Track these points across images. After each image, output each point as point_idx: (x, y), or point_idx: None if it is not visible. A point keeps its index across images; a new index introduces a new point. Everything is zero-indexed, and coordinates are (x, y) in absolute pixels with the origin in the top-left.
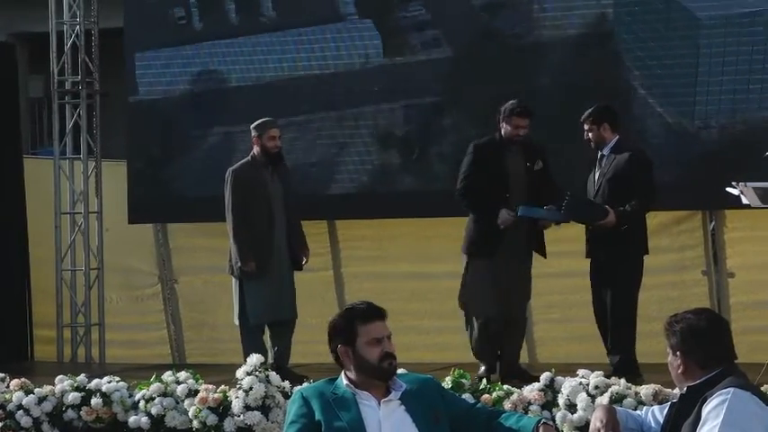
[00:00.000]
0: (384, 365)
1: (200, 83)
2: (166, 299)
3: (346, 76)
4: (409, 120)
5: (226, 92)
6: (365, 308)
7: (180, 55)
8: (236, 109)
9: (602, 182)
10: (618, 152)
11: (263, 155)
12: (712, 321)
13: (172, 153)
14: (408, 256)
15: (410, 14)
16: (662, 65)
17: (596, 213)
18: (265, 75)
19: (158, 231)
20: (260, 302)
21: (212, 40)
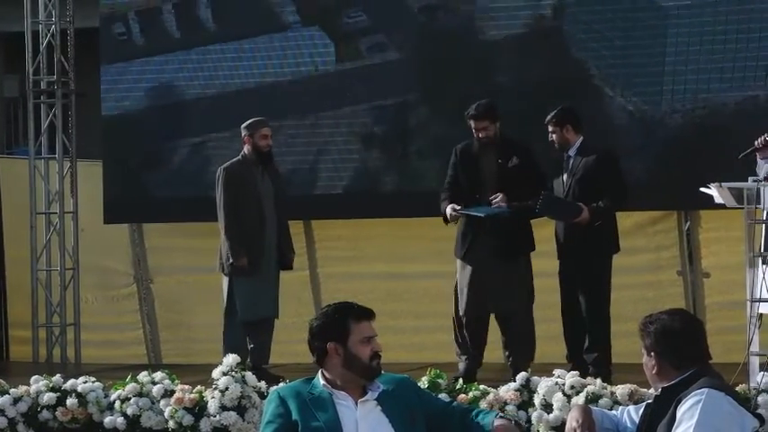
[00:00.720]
0: (374, 364)
1: (160, 96)
2: (142, 299)
3: (302, 83)
4: (379, 121)
5: (188, 103)
6: (359, 307)
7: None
8: (203, 118)
9: (572, 183)
10: (584, 153)
11: (254, 154)
12: (687, 322)
13: (147, 153)
14: (384, 257)
15: (352, 20)
16: (626, 58)
17: (571, 210)
18: (227, 83)
19: (134, 231)
20: (249, 299)
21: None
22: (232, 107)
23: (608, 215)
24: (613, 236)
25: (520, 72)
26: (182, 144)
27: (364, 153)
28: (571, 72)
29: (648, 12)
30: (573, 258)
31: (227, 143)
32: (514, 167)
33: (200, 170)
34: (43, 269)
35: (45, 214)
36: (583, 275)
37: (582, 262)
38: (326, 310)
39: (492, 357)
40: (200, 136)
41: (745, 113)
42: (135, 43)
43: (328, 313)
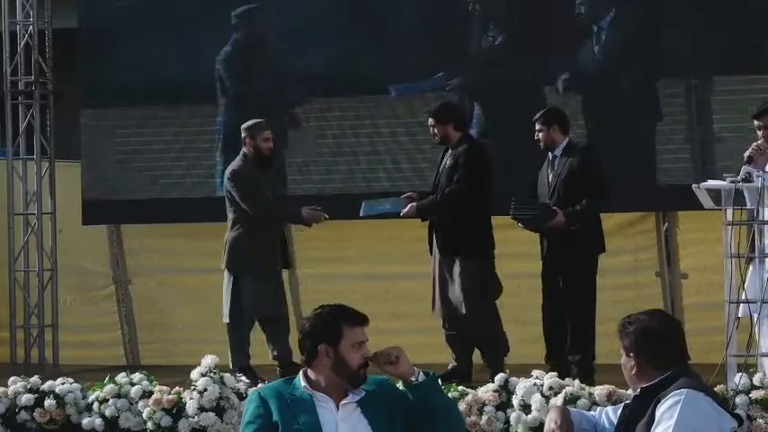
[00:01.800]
0: (361, 372)
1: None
2: (120, 300)
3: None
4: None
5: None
6: (353, 311)
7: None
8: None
9: (557, 182)
10: (569, 154)
11: (256, 155)
12: (665, 322)
13: (125, 153)
14: (364, 258)
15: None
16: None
17: (544, 214)
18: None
19: (112, 232)
20: (256, 297)
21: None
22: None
23: (588, 216)
24: (598, 236)
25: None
26: (161, 144)
27: (336, 156)
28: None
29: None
30: (557, 258)
31: (208, 143)
32: (447, 169)
33: (180, 171)
34: (21, 270)
35: (23, 215)
36: (567, 275)
37: (566, 262)
38: (321, 311)
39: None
40: (179, 136)
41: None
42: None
43: (322, 314)
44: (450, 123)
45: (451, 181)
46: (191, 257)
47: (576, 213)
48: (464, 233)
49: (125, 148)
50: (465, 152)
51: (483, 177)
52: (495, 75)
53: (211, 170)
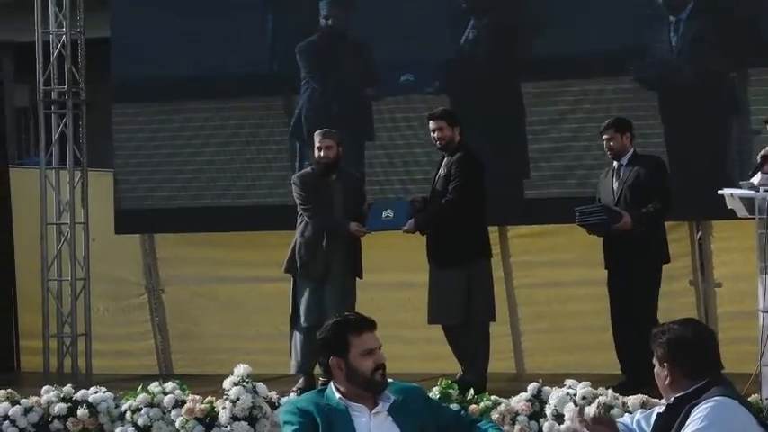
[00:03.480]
0: (376, 377)
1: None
2: (153, 309)
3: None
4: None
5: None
6: (357, 319)
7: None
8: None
9: (623, 189)
10: (636, 162)
11: (316, 163)
12: (699, 332)
13: (158, 162)
14: (395, 266)
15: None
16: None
17: (611, 218)
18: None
19: (145, 241)
20: (311, 304)
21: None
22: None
23: (653, 221)
24: (663, 245)
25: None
26: (194, 153)
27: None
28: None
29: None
30: (621, 267)
31: (241, 152)
32: (441, 179)
33: (212, 179)
34: (54, 279)
35: (56, 224)
36: (634, 285)
37: (630, 271)
38: (327, 323)
39: (499, 367)
40: (212, 146)
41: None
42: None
43: (328, 328)
44: (457, 127)
45: (446, 191)
46: (223, 267)
47: (642, 216)
48: (459, 243)
49: (158, 157)
50: (458, 160)
51: (476, 186)
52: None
53: (250, 179)
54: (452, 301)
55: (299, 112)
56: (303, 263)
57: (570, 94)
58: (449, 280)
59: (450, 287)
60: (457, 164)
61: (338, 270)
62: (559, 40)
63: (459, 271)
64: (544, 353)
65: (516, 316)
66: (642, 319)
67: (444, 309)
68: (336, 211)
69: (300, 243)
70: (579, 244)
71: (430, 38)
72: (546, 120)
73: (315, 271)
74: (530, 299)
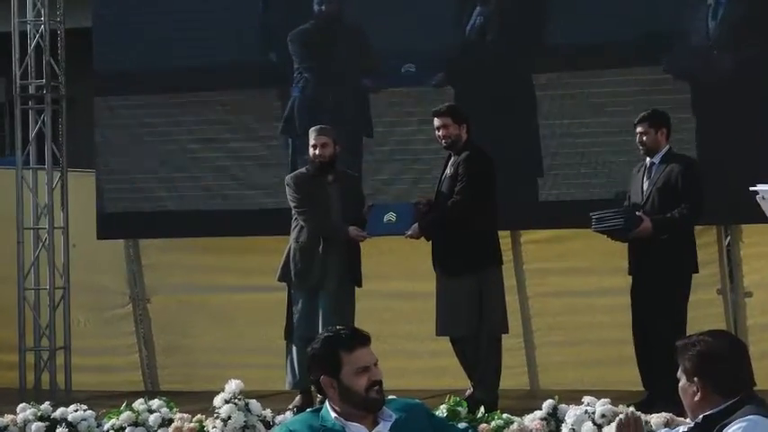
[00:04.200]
0: (372, 395)
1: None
2: (138, 320)
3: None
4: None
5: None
6: (349, 334)
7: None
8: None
9: (652, 191)
10: (669, 162)
11: (311, 162)
12: (730, 345)
13: (143, 163)
14: (399, 274)
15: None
16: None
17: (630, 223)
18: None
19: (129, 247)
20: (307, 315)
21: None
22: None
23: (677, 228)
24: (692, 253)
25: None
26: (183, 151)
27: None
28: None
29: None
30: (647, 275)
31: (234, 150)
32: (448, 179)
33: (202, 180)
34: (31, 288)
35: (33, 229)
36: (659, 295)
37: (656, 280)
38: (317, 339)
39: (511, 383)
40: (202, 143)
41: None
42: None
43: (318, 344)
44: (464, 124)
45: (453, 192)
46: (214, 275)
47: (664, 222)
48: (469, 248)
49: (143, 157)
50: (466, 160)
51: (486, 186)
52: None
53: (243, 179)
54: (461, 311)
55: (291, 107)
56: (298, 271)
57: (589, 86)
58: (457, 289)
59: (459, 297)
60: (464, 163)
61: (336, 278)
62: (577, 26)
63: (469, 279)
64: (560, 368)
65: (530, 328)
66: (667, 331)
67: (452, 320)
68: (334, 214)
69: (295, 249)
70: (598, 250)
71: (433, 25)
72: (562, 114)
73: (311, 279)
74: (544, 309)
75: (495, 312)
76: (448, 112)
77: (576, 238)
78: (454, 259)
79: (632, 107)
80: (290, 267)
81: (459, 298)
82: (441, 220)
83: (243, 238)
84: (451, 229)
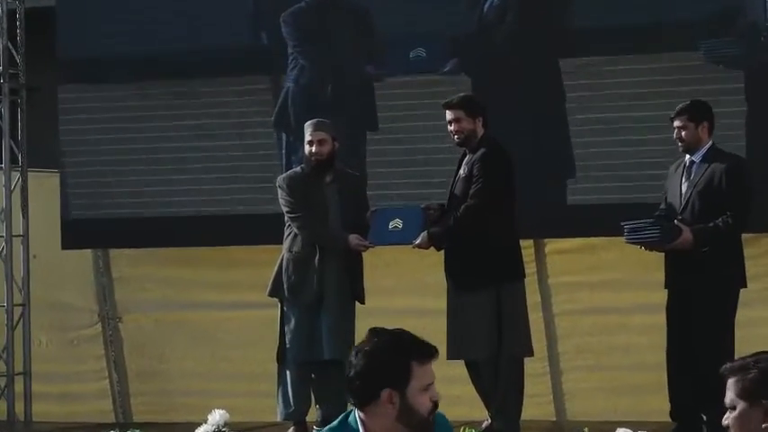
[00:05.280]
0: (431, 419)
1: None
2: (108, 342)
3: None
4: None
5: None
6: (422, 343)
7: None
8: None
9: (692, 193)
10: (712, 160)
11: (307, 161)
12: None
13: (115, 163)
14: (405, 289)
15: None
16: None
17: (667, 234)
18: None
19: (98, 258)
20: (302, 335)
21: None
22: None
23: (721, 239)
24: (739, 265)
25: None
26: (160, 148)
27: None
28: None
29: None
30: (685, 290)
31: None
32: (463, 180)
33: (181, 182)
34: None
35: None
36: (701, 312)
37: (701, 296)
38: (378, 344)
39: (535, 413)
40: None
41: None
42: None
43: (383, 349)
44: (479, 117)
45: (467, 195)
46: (196, 290)
47: (707, 233)
48: (486, 260)
49: (114, 157)
50: (482, 158)
51: (505, 188)
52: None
53: (229, 181)
54: (478, 331)
55: (284, 97)
56: (292, 285)
57: (624, 74)
58: (473, 306)
59: (475, 315)
60: (480, 162)
61: (334, 293)
62: (610, 5)
63: (486, 295)
64: (590, 395)
65: (556, 350)
66: (710, 355)
67: (468, 341)
68: (332, 220)
69: (288, 260)
70: (635, 261)
71: (445, 4)
72: (594, 105)
73: (306, 294)
74: (572, 329)
75: (517, 333)
76: (461, 103)
77: (609, 248)
78: (469, 272)
79: (680, 97)
80: (282, 281)
81: (475, 316)
82: (453, 227)
83: (228, 247)
84: (466, 237)
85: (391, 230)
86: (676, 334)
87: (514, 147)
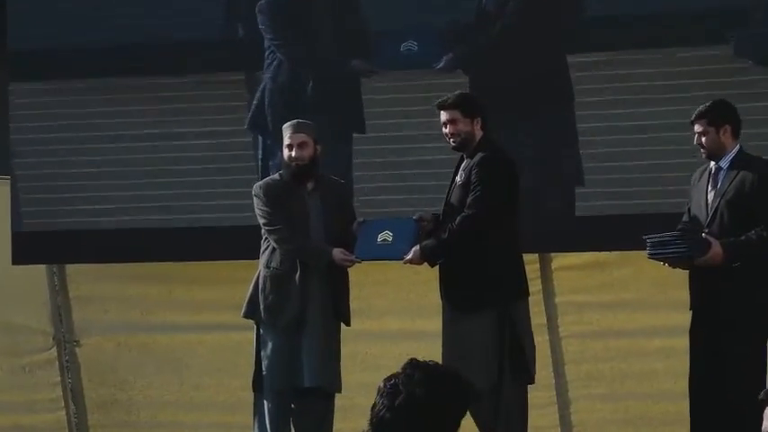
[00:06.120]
0: None
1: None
2: (64, 368)
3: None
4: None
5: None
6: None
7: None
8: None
9: (719, 204)
10: (741, 166)
11: (285, 167)
12: None
13: (73, 166)
14: (400, 309)
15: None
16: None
17: (693, 248)
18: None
19: (53, 275)
20: (281, 361)
21: None
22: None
23: (755, 254)
24: None
25: None
26: (123, 151)
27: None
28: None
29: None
30: (713, 312)
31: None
32: (459, 186)
33: (147, 190)
34: None
35: None
36: (731, 336)
37: (726, 318)
38: (438, 377)
39: None
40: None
41: None
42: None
43: (446, 385)
44: (477, 118)
45: (464, 204)
46: (162, 310)
47: (738, 247)
48: (486, 277)
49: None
50: (480, 163)
51: (507, 197)
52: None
53: (200, 188)
54: (476, 358)
55: (260, 95)
56: (269, 305)
57: (641, 71)
58: (471, 329)
59: (474, 339)
60: (478, 167)
61: (317, 314)
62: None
63: (486, 317)
64: (601, 429)
65: (563, 377)
66: (740, 385)
67: (465, 369)
68: (314, 232)
69: (266, 277)
70: (649, 279)
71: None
72: (606, 105)
73: (285, 316)
74: (582, 354)
75: (520, 358)
76: (456, 102)
77: (622, 264)
78: (467, 291)
79: (704, 95)
80: (258, 301)
81: (473, 341)
82: (449, 240)
83: (199, 263)
84: (463, 251)
85: (380, 244)
86: (701, 360)
87: (517, 151)
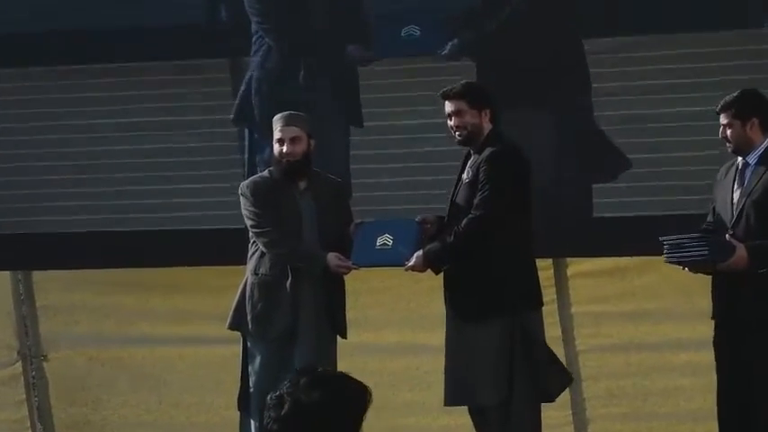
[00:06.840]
0: None
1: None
2: (30, 385)
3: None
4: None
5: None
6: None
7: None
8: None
9: (746, 203)
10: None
11: (275, 164)
12: None
13: (40, 163)
14: (398, 320)
15: None
16: None
17: (716, 251)
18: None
19: (18, 283)
20: (271, 376)
21: None
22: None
23: None
24: None
25: None
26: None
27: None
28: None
29: None
30: (738, 322)
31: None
32: (467, 184)
33: (121, 190)
34: None
35: None
36: (755, 349)
37: (753, 328)
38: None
39: None
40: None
41: None
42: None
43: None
44: (485, 110)
45: (471, 204)
46: (138, 321)
47: (765, 250)
48: (495, 284)
49: (36, 157)
50: (489, 160)
51: (518, 197)
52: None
53: (179, 186)
54: (484, 372)
55: (247, 84)
56: (258, 315)
57: (664, 56)
58: (479, 341)
59: (482, 352)
60: (487, 164)
61: (310, 326)
62: None
63: (495, 327)
64: None
65: (580, 395)
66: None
67: (472, 384)
68: (307, 235)
69: (254, 285)
70: (675, 287)
71: None
72: (626, 94)
73: (275, 327)
74: (600, 369)
75: (533, 373)
76: (462, 92)
77: (644, 270)
78: (474, 300)
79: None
80: (245, 311)
81: (481, 354)
82: (455, 244)
83: (178, 269)
84: (470, 257)
85: (379, 248)
86: (727, 374)
87: (529, 147)
